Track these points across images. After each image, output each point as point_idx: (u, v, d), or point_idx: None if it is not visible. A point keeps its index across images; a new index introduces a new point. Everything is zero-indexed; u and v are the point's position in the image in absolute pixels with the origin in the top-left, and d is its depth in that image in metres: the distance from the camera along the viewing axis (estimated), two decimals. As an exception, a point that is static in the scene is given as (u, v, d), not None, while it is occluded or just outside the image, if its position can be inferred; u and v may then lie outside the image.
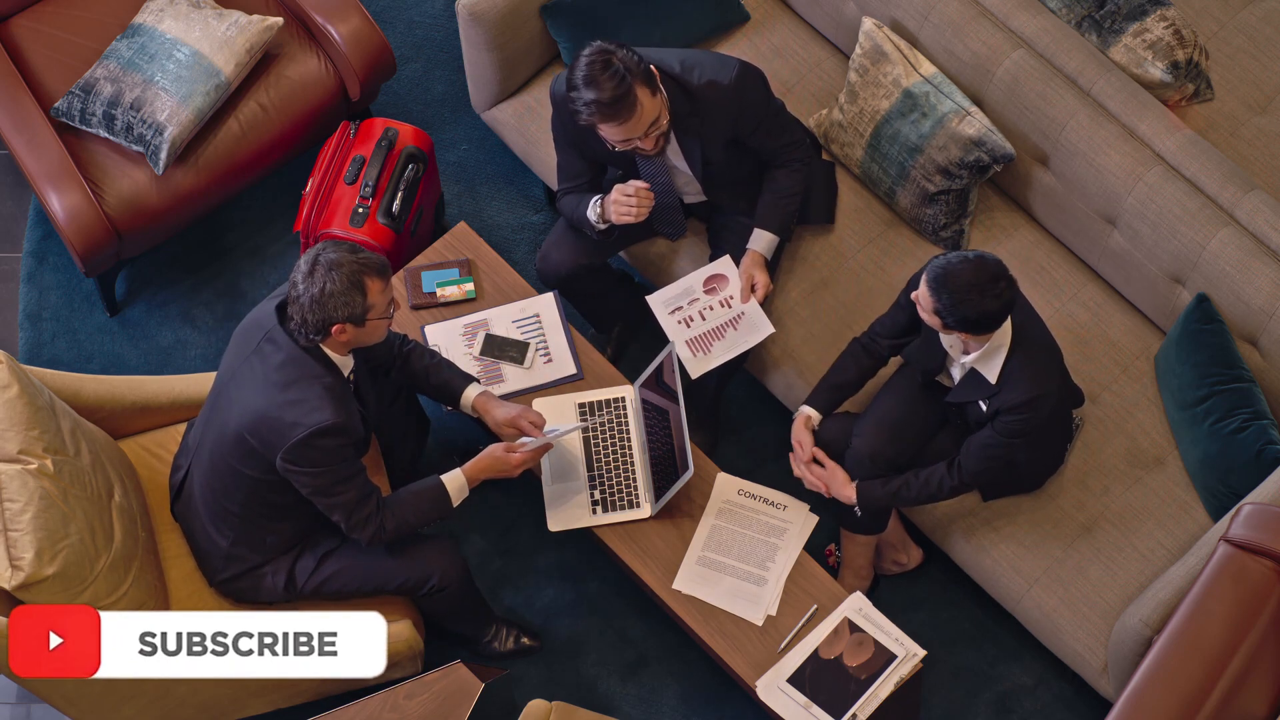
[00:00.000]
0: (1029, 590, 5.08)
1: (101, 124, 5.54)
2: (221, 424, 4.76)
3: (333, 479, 4.71)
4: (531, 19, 5.55)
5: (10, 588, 4.56)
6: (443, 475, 4.90)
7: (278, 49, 5.73)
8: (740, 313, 5.21)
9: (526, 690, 5.32)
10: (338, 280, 4.56)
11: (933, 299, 4.62)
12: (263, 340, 4.69)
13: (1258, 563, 4.36)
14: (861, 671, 4.85)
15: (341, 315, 4.60)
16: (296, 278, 4.61)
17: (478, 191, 6.02)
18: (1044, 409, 4.78)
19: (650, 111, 4.88)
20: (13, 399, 4.73)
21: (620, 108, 4.82)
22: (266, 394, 4.65)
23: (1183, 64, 5.31)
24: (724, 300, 5.22)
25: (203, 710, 5.00)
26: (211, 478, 4.83)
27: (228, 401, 4.75)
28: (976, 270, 4.58)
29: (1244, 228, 5.01)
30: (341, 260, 4.57)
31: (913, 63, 5.29)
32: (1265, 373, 5.06)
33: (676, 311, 5.24)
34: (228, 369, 4.79)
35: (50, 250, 5.96)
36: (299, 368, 4.65)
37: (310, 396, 4.63)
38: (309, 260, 4.60)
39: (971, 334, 4.67)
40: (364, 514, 4.77)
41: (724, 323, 5.22)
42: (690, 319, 5.23)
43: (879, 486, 4.97)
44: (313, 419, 4.62)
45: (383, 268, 4.63)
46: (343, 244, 4.62)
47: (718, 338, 5.21)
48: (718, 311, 5.23)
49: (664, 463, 5.03)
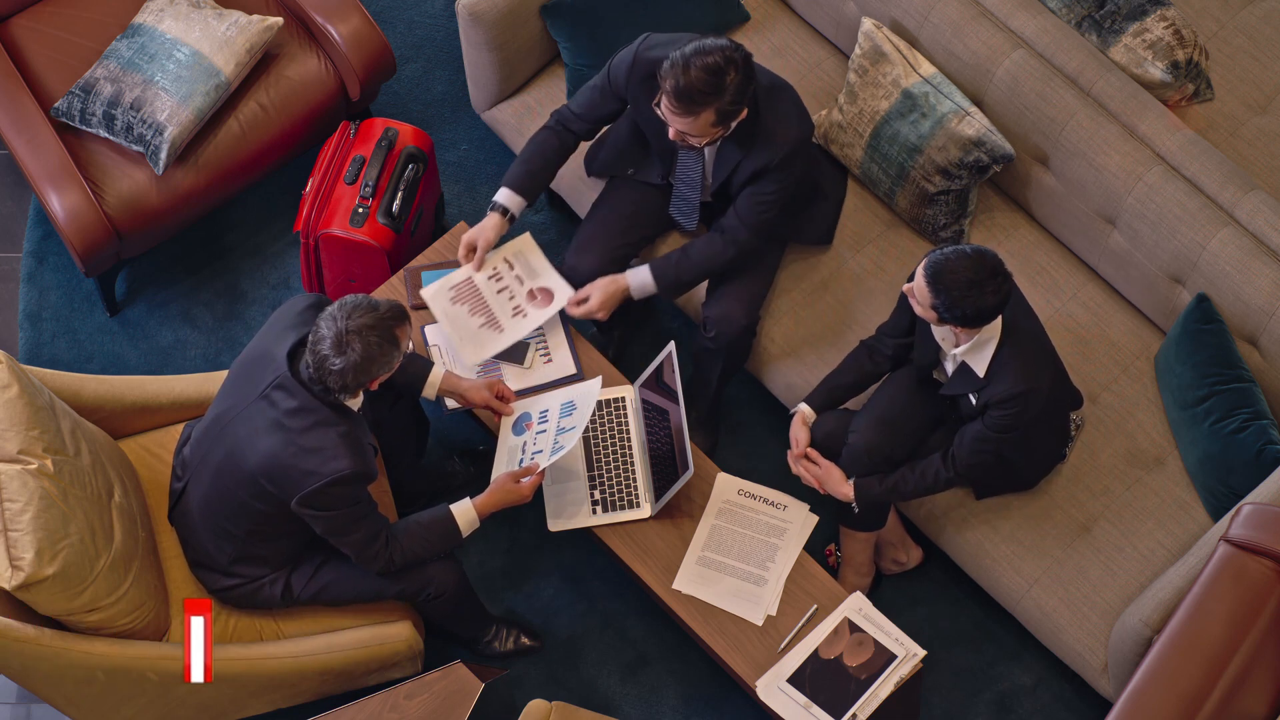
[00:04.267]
0: (1029, 590, 5.08)
1: (101, 124, 5.54)
2: (229, 458, 4.73)
3: (347, 520, 4.72)
4: (531, 19, 5.55)
5: (10, 588, 4.56)
6: (452, 506, 4.89)
7: (278, 49, 5.73)
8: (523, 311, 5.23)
9: (526, 690, 5.32)
10: (375, 345, 4.54)
11: (930, 295, 4.62)
12: (272, 386, 4.65)
13: (1258, 563, 4.36)
14: (861, 671, 4.85)
15: (381, 371, 4.60)
16: (324, 349, 4.54)
17: (478, 191, 6.02)
18: (1032, 405, 4.77)
19: (698, 130, 4.85)
20: (13, 399, 4.73)
21: (683, 102, 4.79)
22: (282, 440, 4.62)
23: (1183, 64, 5.31)
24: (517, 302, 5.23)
25: (202, 710, 5.00)
26: (214, 501, 4.81)
27: (236, 438, 4.71)
28: (975, 266, 4.58)
29: (1244, 228, 5.01)
30: (371, 323, 4.53)
31: (912, 63, 5.29)
32: (1265, 373, 5.06)
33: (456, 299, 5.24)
34: (234, 403, 4.75)
35: (50, 250, 5.96)
36: (313, 415, 4.63)
37: (327, 444, 4.61)
38: (333, 331, 4.52)
39: (966, 329, 4.68)
40: (374, 550, 4.79)
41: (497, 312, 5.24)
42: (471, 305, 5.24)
43: (876, 483, 4.97)
44: (330, 468, 4.61)
45: (403, 313, 4.61)
46: (359, 303, 4.57)
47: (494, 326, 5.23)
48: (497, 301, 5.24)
49: (664, 463, 5.03)
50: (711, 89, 4.78)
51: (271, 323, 4.79)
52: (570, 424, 4.99)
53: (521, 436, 5.07)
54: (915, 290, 4.67)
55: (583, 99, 5.18)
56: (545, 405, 5.10)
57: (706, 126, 4.86)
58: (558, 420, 5.04)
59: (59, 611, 4.68)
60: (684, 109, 4.82)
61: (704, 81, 4.77)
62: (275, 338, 4.72)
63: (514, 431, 5.10)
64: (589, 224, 5.33)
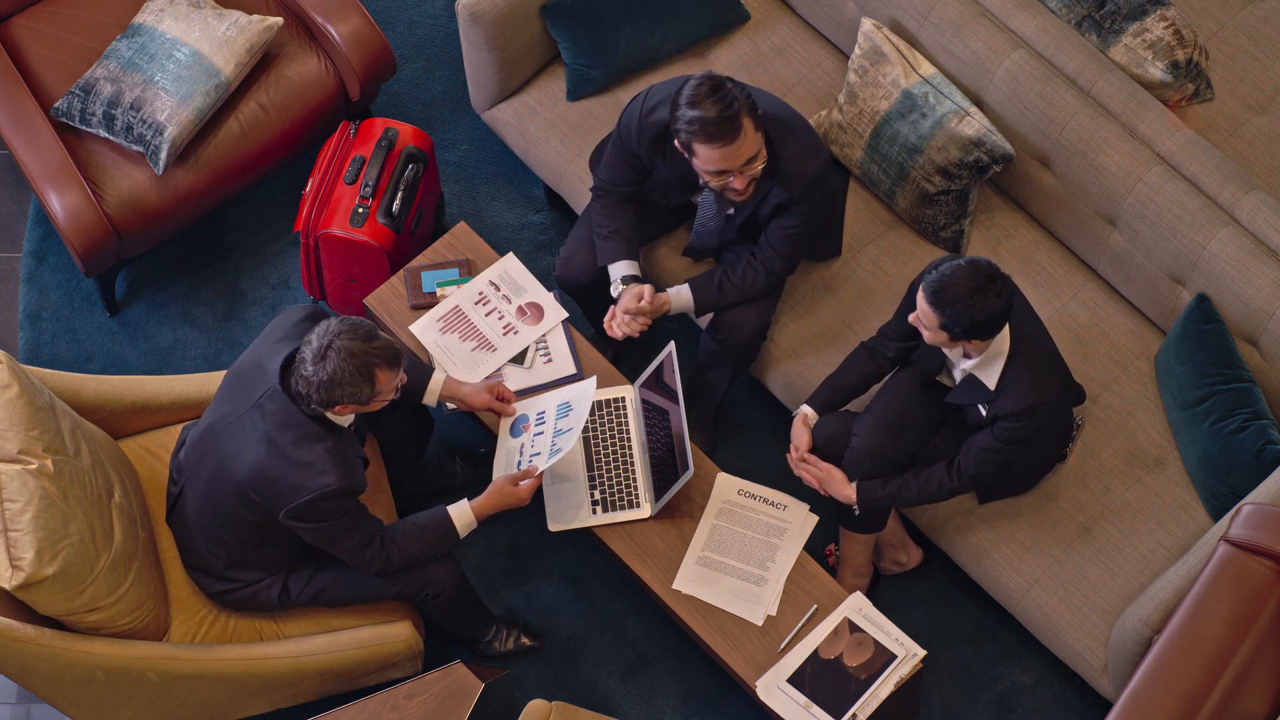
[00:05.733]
0: (1029, 590, 5.08)
1: (101, 124, 5.54)
2: (220, 467, 4.73)
3: (337, 531, 4.72)
4: (531, 19, 5.55)
5: (10, 588, 4.56)
6: (450, 508, 4.89)
7: (278, 49, 5.73)
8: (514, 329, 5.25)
9: (526, 690, 5.32)
10: (348, 371, 4.51)
11: (936, 315, 4.61)
12: (264, 397, 4.65)
13: (1258, 563, 4.36)
14: (861, 671, 4.85)
15: (346, 399, 4.58)
16: (306, 353, 4.54)
17: (478, 191, 6.02)
18: (1042, 416, 4.78)
19: (752, 144, 4.81)
20: (13, 399, 4.73)
21: (725, 129, 4.75)
22: (270, 453, 4.62)
23: (1183, 64, 5.31)
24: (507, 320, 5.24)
25: (202, 710, 5.00)
26: (208, 508, 4.81)
27: (227, 447, 4.71)
28: (972, 274, 4.58)
29: (1244, 228, 5.01)
30: (355, 350, 4.51)
31: (912, 63, 5.29)
32: (1265, 373, 5.06)
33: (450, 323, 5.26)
34: (227, 412, 4.74)
35: (50, 250, 5.96)
36: (301, 429, 4.62)
37: (314, 459, 4.61)
38: (322, 339, 4.52)
39: (980, 339, 4.66)
40: (368, 555, 4.79)
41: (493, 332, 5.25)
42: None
43: (879, 487, 4.97)
44: (317, 483, 4.61)
45: (395, 357, 4.57)
46: (360, 327, 4.55)
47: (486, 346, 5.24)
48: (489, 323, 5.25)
49: (664, 463, 5.03)
50: (728, 101, 4.75)
51: (267, 332, 4.78)
52: (568, 425, 4.99)
53: (519, 438, 5.07)
54: (921, 317, 4.66)
55: (607, 171, 5.17)
56: (542, 407, 5.10)
57: (753, 134, 4.80)
58: (554, 422, 5.04)
59: (59, 611, 4.68)
60: (730, 134, 4.76)
61: (717, 102, 4.75)
62: (269, 349, 4.71)
63: (511, 434, 5.10)
64: (584, 224, 5.33)
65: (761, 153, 4.87)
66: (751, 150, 4.83)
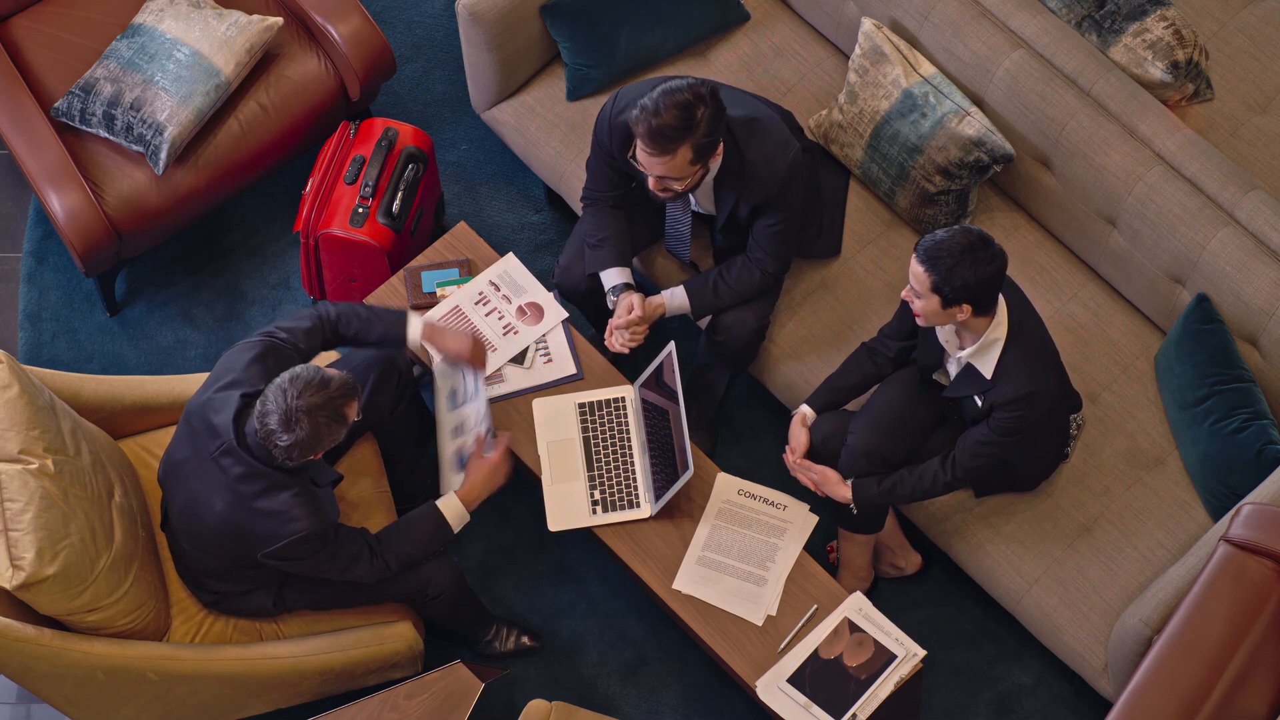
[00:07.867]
0: (1029, 590, 5.08)
1: (101, 124, 5.54)
2: (191, 507, 4.72)
3: (320, 561, 4.73)
4: (531, 19, 5.55)
5: (11, 588, 4.56)
6: (438, 501, 4.90)
7: (278, 49, 5.73)
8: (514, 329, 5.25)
9: (526, 690, 5.32)
10: (322, 424, 4.51)
11: (928, 274, 4.59)
12: (219, 453, 4.62)
13: (1258, 563, 4.36)
14: (861, 671, 4.85)
15: (327, 446, 4.59)
16: (270, 423, 4.50)
17: (478, 191, 6.02)
18: (1039, 406, 4.77)
19: (675, 170, 4.83)
20: (13, 399, 4.73)
21: (657, 141, 4.77)
22: (236, 505, 4.62)
23: (1183, 64, 5.31)
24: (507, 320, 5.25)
25: (203, 710, 5.00)
26: (189, 535, 4.81)
27: (194, 488, 4.70)
28: (964, 235, 4.59)
29: (1244, 228, 5.01)
30: (321, 403, 4.50)
31: (912, 63, 5.29)
32: (1265, 373, 5.06)
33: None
34: (189, 454, 4.70)
35: (50, 250, 5.96)
36: (264, 480, 4.61)
37: (283, 508, 4.61)
38: (281, 407, 4.48)
39: (972, 306, 4.64)
40: (361, 569, 4.80)
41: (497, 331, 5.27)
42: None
43: (874, 484, 4.97)
44: (288, 530, 4.61)
45: (353, 388, 4.58)
46: (310, 379, 4.52)
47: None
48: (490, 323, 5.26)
49: (664, 463, 5.03)
50: (684, 125, 4.76)
51: (217, 372, 4.73)
52: (481, 385, 5.01)
53: (457, 410, 5.06)
54: (913, 281, 4.64)
55: (591, 177, 5.20)
56: (467, 377, 5.08)
57: (685, 165, 4.84)
58: (477, 383, 5.02)
59: (59, 611, 4.68)
60: (660, 149, 4.79)
61: (676, 118, 4.75)
62: (220, 398, 4.66)
63: (451, 404, 5.10)
64: (580, 231, 5.33)
65: (691, 181, 4.89)
66: (671, 174, 4.85)
